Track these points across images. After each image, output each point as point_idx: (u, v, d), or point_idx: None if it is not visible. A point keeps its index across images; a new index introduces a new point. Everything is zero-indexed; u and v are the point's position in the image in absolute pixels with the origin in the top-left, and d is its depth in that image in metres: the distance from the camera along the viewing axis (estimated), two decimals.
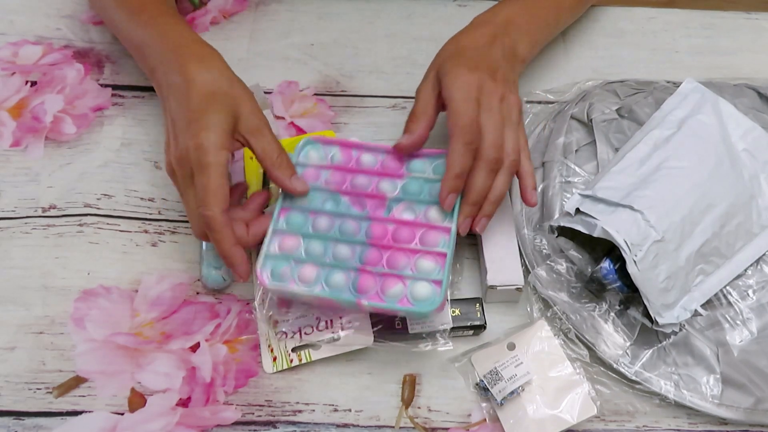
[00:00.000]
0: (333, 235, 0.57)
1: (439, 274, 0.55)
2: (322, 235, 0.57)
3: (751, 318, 0.60)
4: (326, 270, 0.55)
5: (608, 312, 0.59)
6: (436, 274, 0.55)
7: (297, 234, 0.57)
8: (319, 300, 0.55)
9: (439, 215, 0.57)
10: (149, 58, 0.61)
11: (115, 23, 0.68)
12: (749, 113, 0.68)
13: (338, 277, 0.55)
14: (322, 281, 0.55)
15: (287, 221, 0.58)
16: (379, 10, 0.80)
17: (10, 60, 0.74)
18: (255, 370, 0.59)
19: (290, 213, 0.58)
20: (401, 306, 0.54)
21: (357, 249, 0.56)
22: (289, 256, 0.56)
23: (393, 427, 0.57)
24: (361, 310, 0.57)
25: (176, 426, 0.56)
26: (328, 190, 0.59)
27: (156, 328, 0.60)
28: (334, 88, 0.74)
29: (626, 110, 0.70)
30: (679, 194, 0.59)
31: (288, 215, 0.58)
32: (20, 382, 0.58)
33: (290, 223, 0.58)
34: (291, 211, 0.58)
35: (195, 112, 0.55)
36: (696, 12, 0.81)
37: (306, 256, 0.56)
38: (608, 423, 0.57)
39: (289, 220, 0.58)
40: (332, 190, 0.59)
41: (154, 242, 0.64)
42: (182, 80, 0.56)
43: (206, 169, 0.53)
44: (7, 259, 0.63)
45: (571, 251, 0.61)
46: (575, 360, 0.58)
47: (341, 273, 0.55)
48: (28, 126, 0.70)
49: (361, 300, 0.54)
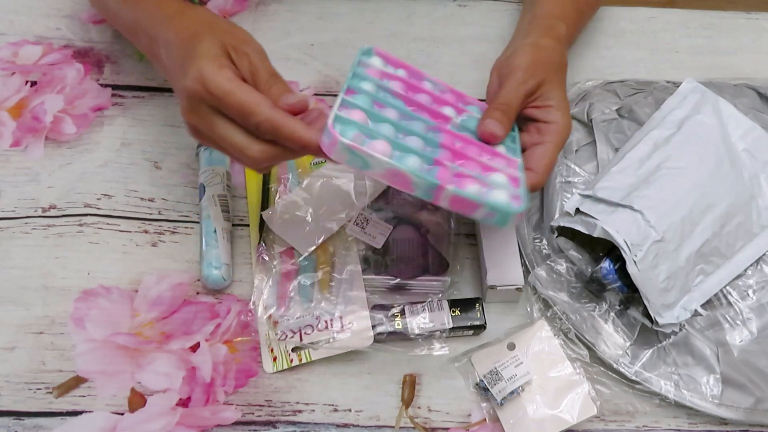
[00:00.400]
0: (403, 126, 0.52)
1: (516, 190, 0.52)
2: (392, 121, 0.52)
3: (751, 318, 0.60)
4: (400, 151, 0.50)
5: (608, 312, 0.59)
6: (512, 190, 0.52)
7: (364, 112, 0.51)
8: (393, 174, 0.48)
9: (503, 150, 0.56)
10: (147, 30, 0.59)
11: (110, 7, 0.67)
12: (749, 113, 0.68)
13: (413, 161, 0.50)
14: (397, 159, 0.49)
15: (355, 100, 0.52)
16: (379, 10, 0.80)
17: (10, 60, 0.74)
18: (255, 370, 0.59)
19: (357, 95, 0.53)
20: (487, 200, 0.49)
21: (428, 149, 0.52)
22: (361, 125, 0.50)
23: (393, 427, 0.57)
24: (436, 201, 0.50)
25: (176, 426, 0.56)
26: (394, 94, 0.55)
27: (156, 328, 0.60)
28: (334, 88, 0.74)
29: (626, 110, 0.70)
30: (679, 194, 0.59)
31: (355, 96, 0.53)
32: (20, 382, 0.58)
33: (357, 103, 0.52)
34: (358, 94, 0.53)
35: (184, 50, 0.52)
36: (696, 12, 0.81)
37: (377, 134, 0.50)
38: (608, 423, 0.57)
39: (356, 99, 0.52)
40: (397, 96, 0.56)
41: (154, 242, 0.64)
42: (173, 34, 0.55)
43: (221, 92, 0.49)
44: (7, 259, 0.63)
45: (571, 251, 0.61)
46: (575, 360, 0.58)
47: (416, 158, 0.50)
48: (28, 126, 0.70)
49: (447, 186, 0.48)
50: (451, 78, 0.75)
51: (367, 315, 0.59)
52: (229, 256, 0.62)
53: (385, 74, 0.57)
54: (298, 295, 0.61)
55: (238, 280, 0.62)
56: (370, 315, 0.59)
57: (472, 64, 0.76)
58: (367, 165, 0.48)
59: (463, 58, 0.76)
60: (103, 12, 0.72)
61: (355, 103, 0.52)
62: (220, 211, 0.63)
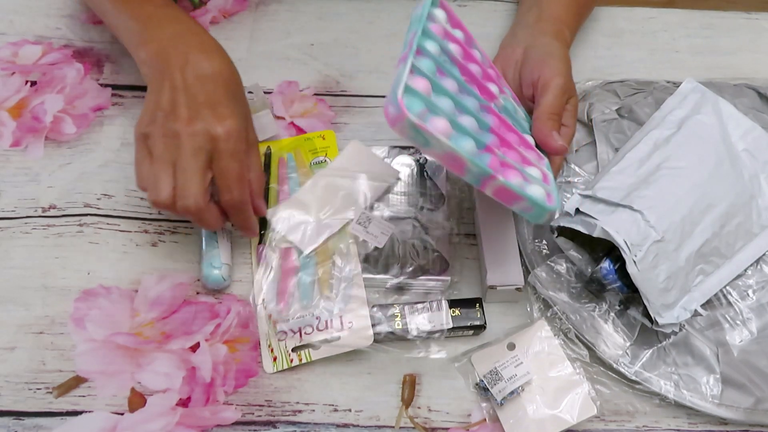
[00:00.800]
0: (460, 102, 0.53)
1: (548, 187, 0.55)
2: (452, 95, 0.52)
3: (751, 318, 0.60)
4: (457, 132, 0.50)
5: (608, 312, 0.59)
6: (546, 187, 0.54)
7: (428, 81, 0.50)
8: (452, 157, 0.49)
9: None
10: (149, 32, 0.62)
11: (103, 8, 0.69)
12: (749, 113, 0.69)
13: (468, 144, 0.50)
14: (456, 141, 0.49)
15: (421, 64, 0.51)
16: (379, 10, 0.80)
17: (10, 60, 0.74)
18: (255, 370, 0.59)
19: (422, 59, 0.52)
20: (531, 194, 0.51)
21: (481, 132, 0.53)
22: (426, 98, 0.49)
23: (393, 427, 0.57)
24: (482, 187, 0.51)
25: (176, 426, 0.56)
26: (451, 61, 0.56)
27: (156, 328, 0.60)
28: (334, 88, 0.74)
29: (626, 110, 0.70)
30: (679, 194, 0.59)
31: (420, 59, 0.51)
32: (20, 382, 0.58)
33: (423, 68, 0.51)
34: (424, 57, 0.52)
35: (220, 96, 0.58)
36: (696, 12, 0.81)
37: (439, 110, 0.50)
38: (608, 423, 0.57)
39: (421, 64, 0.51)
40: (454, 62, 0.56)
41: (154, 242, 0.64)
42: (202, 61, 0.59)
43: (234, 154, 0.57)
44: (7, 259, 0.63)
45: (571, 251, 0.61)
46: (575, 360, 0.58)
47: (471, 141, 0.51)
48: (28, 126, 0.70)
49: (498, 176, 0.49)
50: None
51: (366, 314, 0.59)
52: (229, 256, 0.62)
53: (447, 34, 0.56)
54: (298, 294, 0.61)
55: (238, 280, 0.62)
56: (369, 314, 0.59)
57: None
58: (428, 144, 0.48)
59: None
60: (94, 8, 0.73)
61: (421, 70, 0.50)
62: None
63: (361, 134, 0.71)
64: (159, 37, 0.61)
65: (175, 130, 0.56)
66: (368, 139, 0.70)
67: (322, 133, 0.70)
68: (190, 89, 0.57)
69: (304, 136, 0.70)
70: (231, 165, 0.57)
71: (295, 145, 0.69)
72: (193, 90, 0.57)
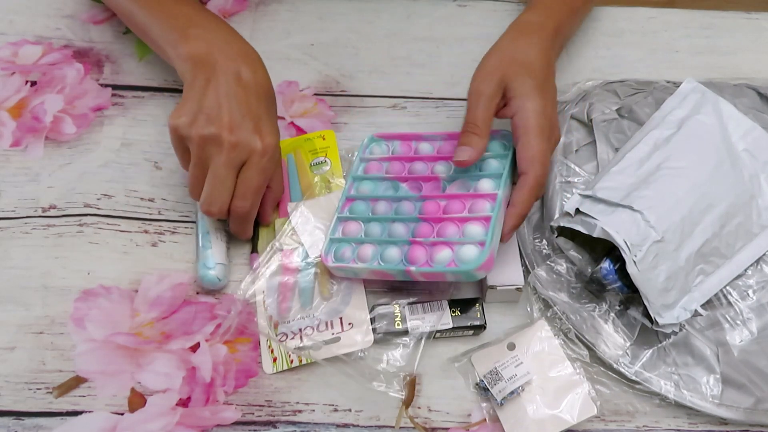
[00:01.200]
0: (390, 217, 0.61)
1: (485, 235, 0.56)
2: (380, 217, 0.61)
3: (751, 318, 0.60)
4: (382, 247, 0.59)
5: (608, 312, 0.59)
6: (482, 236, 0.56)
7: (358, 220, 0.62)
8: (374, 273, 0.59)
9: (489, 185, 0.59)
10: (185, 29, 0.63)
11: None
12: (749, 113, 0.68)
13: (392, 252, 0.58)
14: (378, 257, 0.58)
15: (350, 210, 0.63)
16: (379, 10, 0.80)
17: (10, 60, 0.74)
18: (255, 370, 0.59)
19: (354, 203, 0.63)
20: (448, 268, 0.56)
21: (410, 225, 0.60)
22: (351, 239, 0.61)
23: (393, 427, 0.57)
24: (413, 278, 0.58)
25: (176, 426, 0.56)
26: (388, 179, 0.64)
27: (156, 328, 0.60)
28: (334, 88, 0.74)
29: (626, 110, 0.70)
30: (678, 194, 0.59)
31: (351, 205, 0.63)
32: (20, 382, 0.58)
33: (353, 211, 0.63)
34: (355, 202, 0.63)
35: (262, 110, 0.60)
36: (696, 12, 0.81)
37: (365, 237, 0.61)
38: (608, 423, 0.57)
39: (352, 209, 0.63)
40: (392, 179, 0.64)
41: (154, 242, 0.64)
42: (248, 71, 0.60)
43: (263, 171, 0.59)
44: (7, 259, 0.63)
45: (571, 251, 0.61)
46: (575, 360, 0.58)
47: (395, 248, 0.58)
48: (28, 126, 0.70)
49: (410, 268, 0.57)
50: (450, 78, 0.75)
51: (366, 315, 0.59)
52: (224, 256, 0.62)
53: (383, 159, 0.66)
54: (298, 295, 0.61)
55: (238, 280, 0.62)
56: (369, 315, 0.59)
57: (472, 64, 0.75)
58: (355, 274, 0.60)
59: (463, 58, 0.76)
60: (114, 7, 0.73)
61: (349, 217, 0.62)
62: None
63: (361, 134, 0.71)
64: (205, 38, 0.61)
65: (215, 135, 0.57)
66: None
67: (322, 133, 0.70)
68: (236, 97, 0.58)
69: (304, 137, 0.70)
70: (256, 179, 0.59)
71: (295, 145, 0.69)
72: (237, 99, 0.58)
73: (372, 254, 0.59)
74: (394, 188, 0.63)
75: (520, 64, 0.60)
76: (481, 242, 0.56)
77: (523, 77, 0.59)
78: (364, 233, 0.61)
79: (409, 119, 0.72)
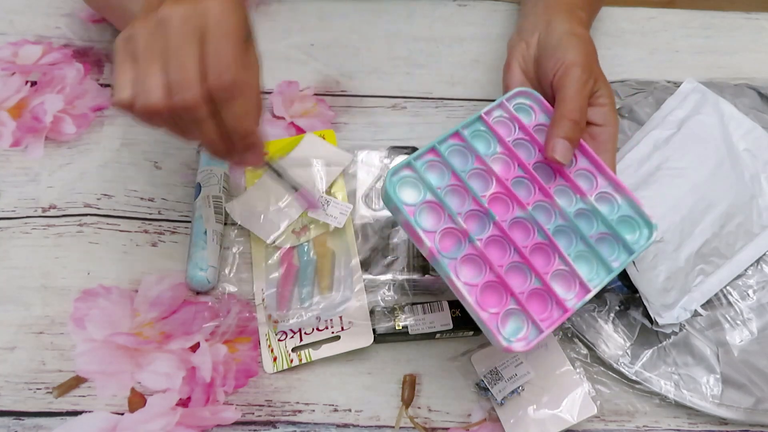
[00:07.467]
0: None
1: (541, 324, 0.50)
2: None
3: (752, 318, 0.60)
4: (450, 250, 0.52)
5: (608, 312, 0.59)
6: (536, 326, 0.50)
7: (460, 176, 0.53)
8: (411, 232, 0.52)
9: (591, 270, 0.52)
10: None
11: None
12: (750, 113, 0.69)
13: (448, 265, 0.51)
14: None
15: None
16: (379, 10, 0.80)
17: (10, 60, 0.74)
18: (255, 370, 0.59)
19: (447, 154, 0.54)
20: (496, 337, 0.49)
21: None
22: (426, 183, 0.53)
23: (393, 427, 0.57)
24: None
25: (176, 426, 0.56)
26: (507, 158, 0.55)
27: (156, 328, 0.60)
28: (334, 88, 0.74)
29: (626, 110, 0.70)
30: (678, 195, 0.59)
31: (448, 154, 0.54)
32: (20, 382, 0.58)
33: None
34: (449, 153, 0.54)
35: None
36: (696, 12, 0.81)
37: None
38: (608, 423, 0.57)
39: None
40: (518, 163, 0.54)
41: (154, 242, 0.64)
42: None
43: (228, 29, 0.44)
44: (7, 259, 0.63)
45: None
46: (575, 360, 0.58)
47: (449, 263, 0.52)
48: (28, 126, 0.70)
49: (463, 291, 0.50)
50: (450, 78, 0.75)
51: (367, 315, 0.59)
52: (217, 259, 0.62)
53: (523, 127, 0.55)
54: (298, 294, 0.61)
55: (238, 280, 0.62)
56: (370, 315, 0.59)
57: (472, 64, 0.76)
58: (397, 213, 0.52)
59: (463, 58, 0.76)
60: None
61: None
62: (213, 213, 0.63)
63: (361, 134, 0.71)
64: None
65: (160, 17, 0.44)
66: (368, 139, 0.70)
67: (322, 133, 0.70)
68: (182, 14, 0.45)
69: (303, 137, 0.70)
70: (225, 42, 0.44)
71: (295, 145, 0.69)
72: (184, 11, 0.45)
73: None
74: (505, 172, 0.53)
75: (598, 64, 0.56)
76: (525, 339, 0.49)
77: (609, 85, 0.56)
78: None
79: (409, 119, 0.72)
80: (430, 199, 0.52)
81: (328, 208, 0.63)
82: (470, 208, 0.52)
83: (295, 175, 0.59)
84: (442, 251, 0.51)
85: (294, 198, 0.60)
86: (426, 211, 0.52)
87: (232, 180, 0.67)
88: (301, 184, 0.59)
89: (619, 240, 0.51)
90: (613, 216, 0.52)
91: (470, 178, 0.53)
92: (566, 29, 0.57)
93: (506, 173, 0.54)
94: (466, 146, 0.54)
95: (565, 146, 0.52)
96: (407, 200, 0.52)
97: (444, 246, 0.51)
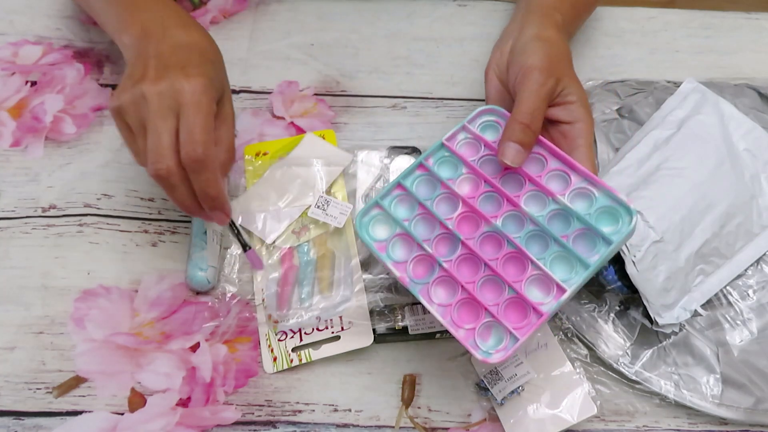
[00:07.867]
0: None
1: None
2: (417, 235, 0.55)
3: (752, 318, 0.60)
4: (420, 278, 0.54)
5: (608, 312, 0.59)
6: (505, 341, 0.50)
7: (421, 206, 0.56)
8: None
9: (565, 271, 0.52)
10: (136, 13, 0.60)
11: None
12: (750, 113, 0.68)
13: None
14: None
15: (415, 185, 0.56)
16: (379, 10, 0.80)
17: (10, 60, 0.74)
18: (255, 370, 0.59)
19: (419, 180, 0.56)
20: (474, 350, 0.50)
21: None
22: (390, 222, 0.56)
23: (393, 427, 0.57)
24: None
25: (176, 426, 0.56)
26: (473, 178, 0.56)
27: (156, 328, 0.60)
28: (334, 88, 0.74)
29: (626, 110, 0.70)
30: (678, 195, 0.59)
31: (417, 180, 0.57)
32: (20, 382, 0.58)
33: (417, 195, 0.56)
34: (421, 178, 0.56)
35: (191, 59, 0.55)
36: (696, 12, 0.81)
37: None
38: (608, 423, 0.57)
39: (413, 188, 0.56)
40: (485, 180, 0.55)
41: (154, 242, 0.64)
42: (179, 34, 0.57)
43: (200, 108, 0.52)
44: (7, 259, 0.63)
45: None
46: (575, 360, 0.58)
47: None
48: (28, 126, 0.70)
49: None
50: (450, 78, 0.75)
51: (366, 315, 0.59)
52: (217, 259, 0.62)
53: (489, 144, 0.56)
54: (298, 294, 0.61)
55: (238, 280, 0.62)
56: (370, 315, 0.59)
57: (472, 64, 0.76)
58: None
59: (463, 58, 0.76)
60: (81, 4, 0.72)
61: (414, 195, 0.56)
62: None
63: (361, 134, 0.71)
64: (141, 19, 0.59)
65: (141, 92, 0.52)
66: (368, 138, 0.70)
67: (322, 133, 0.70)
68: (162, 56, 0.54)
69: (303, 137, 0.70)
70: (193, 116, 0.52)
71: (294, 145, 0.69)
72: (164, 56, 0.54)
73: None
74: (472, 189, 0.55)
75: (567, 63, 0.57)
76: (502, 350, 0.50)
77: (577, 82, 0.56)
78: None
79: (409, 119, 0.72)
80: (400, 232, 0.55)
81: (327, 208, 0.63)
82: (439, 232, 0.54)
83: (245, 237, 0.62)
84: (415, 278, 0.53)
85: (245, 256, 0.62)
86: (398, 243, 0.55)
87: (232, 180, 0.67)
88: (252, 246, 0.62)
89: (598, 234, 0.51)
90: (592, 210, 0.52)
91: (438, 204, 0.55)
92: (533, 34, 0.58)
93: (474, 192, 0.55)
94: (430, 175, 0.56)
95: (514, 149, 0.53)
96: (379, 236, 0.55)
97: (418, 273, 0.53)
